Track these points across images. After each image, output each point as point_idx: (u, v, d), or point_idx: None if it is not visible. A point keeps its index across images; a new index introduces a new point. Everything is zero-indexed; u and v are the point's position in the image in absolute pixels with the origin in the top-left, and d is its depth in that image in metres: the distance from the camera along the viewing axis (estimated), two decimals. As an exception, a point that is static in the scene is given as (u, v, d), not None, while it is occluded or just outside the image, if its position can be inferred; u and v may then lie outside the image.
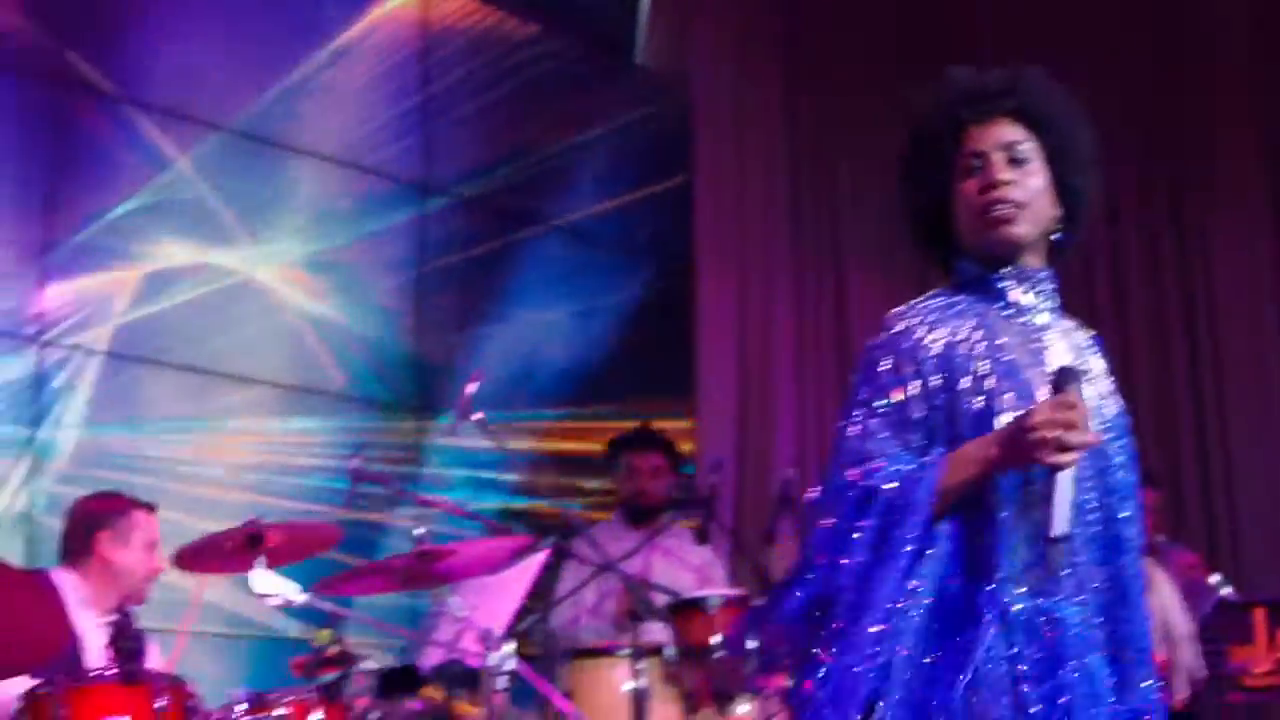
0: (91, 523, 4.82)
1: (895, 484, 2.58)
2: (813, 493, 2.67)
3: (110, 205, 6.18)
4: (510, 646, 4.34)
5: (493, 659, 4.31)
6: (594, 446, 6.94)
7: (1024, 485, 2.60)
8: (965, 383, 2.66)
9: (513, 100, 7.46)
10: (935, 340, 2.69)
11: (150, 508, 4.88)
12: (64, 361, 6.11)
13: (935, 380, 2.67)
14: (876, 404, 2.68)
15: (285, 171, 6.76)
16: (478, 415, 4.78)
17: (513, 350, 7.06)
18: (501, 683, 4.37)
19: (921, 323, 2.72)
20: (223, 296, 6.54)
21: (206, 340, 6.45)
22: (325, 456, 6.56)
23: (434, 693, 5.08)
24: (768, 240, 8.09)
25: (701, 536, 6.31)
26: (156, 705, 3.89)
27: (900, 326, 2.73)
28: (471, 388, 4.77)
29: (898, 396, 2.67)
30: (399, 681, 4.91)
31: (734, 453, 7.65)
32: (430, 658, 5.13)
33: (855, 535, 2.57)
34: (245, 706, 4.02)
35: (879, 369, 2.70)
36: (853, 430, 2.68)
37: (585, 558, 5.71)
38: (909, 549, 2.55)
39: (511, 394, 6.61)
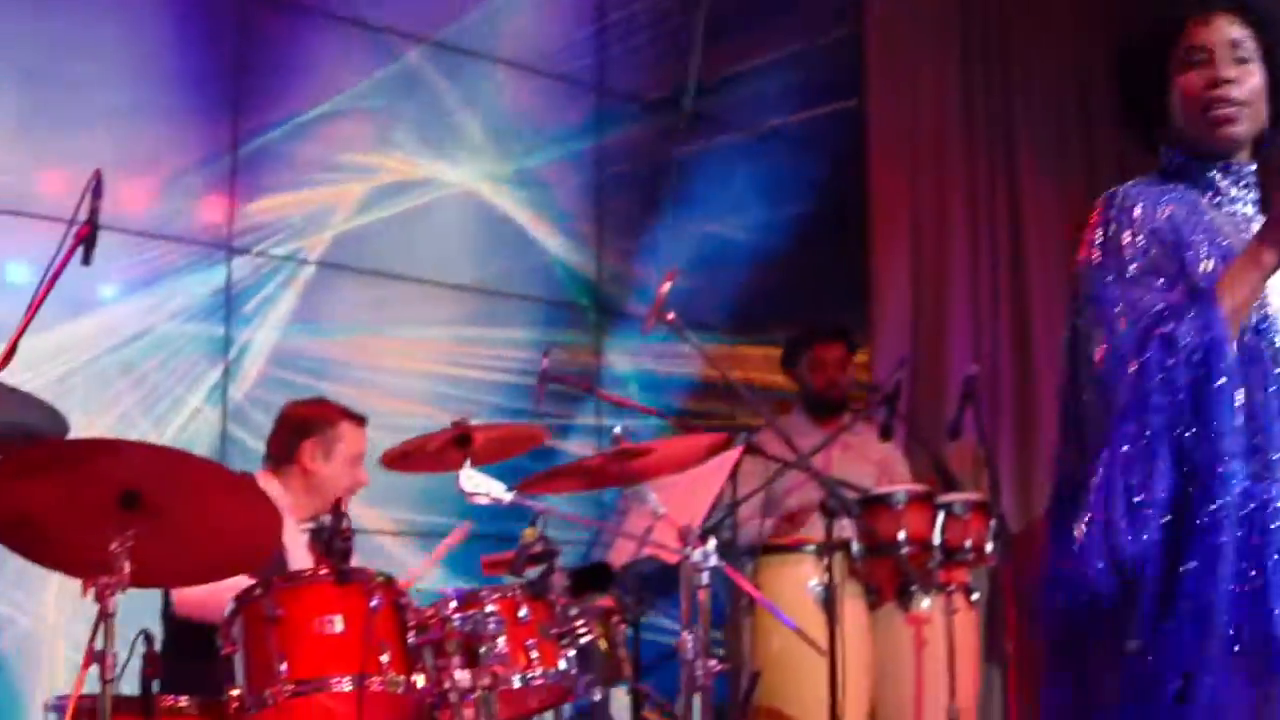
0: (298, 430, 4.89)
1: (1187, 324, 2.58)
2: (1098, 356, 2.62)
3: (301, 110, 6.24)
4: (712, 543, 4.37)
5: (695, 555, 4.34)
6: (769, 352, 6.96)
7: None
8: (1189, 259, 2.69)
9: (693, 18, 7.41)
10: (1160, 215, 2.73)
11: (359, 420, 4.93)
12: (262, 270, 6.21)
13: (1163, 254, 2.69)
14: (1125, 268, 2.69)
15: (472, 81, 6.77)
16: (670, 315, 4.79)
17: (689, 258, 7.07)
18: (704, 579, 4.41)
19: (1145, 200, 2.76)
20: (412, 206, 6.59)
21: (397, 249, 6.51)
22: (512, 361, 6.63)
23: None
24: (940, 141, 8.00)
25: (885, 433, 6.30)
26: (371, 604, 3.98)
27: (1126, 202, 2.76)
28: (665, 287, 4.77)
29: (1138, 260, 2.69)
30: (591, 579, 4.97)
31: (909, 353, 7.61)
32: (623, 554, 5.20)
33: (1162, 380, 2.57)
34: (455, 604, 4.08)
35: (1116, 239, 2.73)
36: (1112, 293, 2.68)
37: (772, 453, 5.73)
38: (1223, 383, 2.54)
39: (689, 301, 6.60)
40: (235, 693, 3.96)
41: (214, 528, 3.85)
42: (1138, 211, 2.73)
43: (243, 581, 4.32)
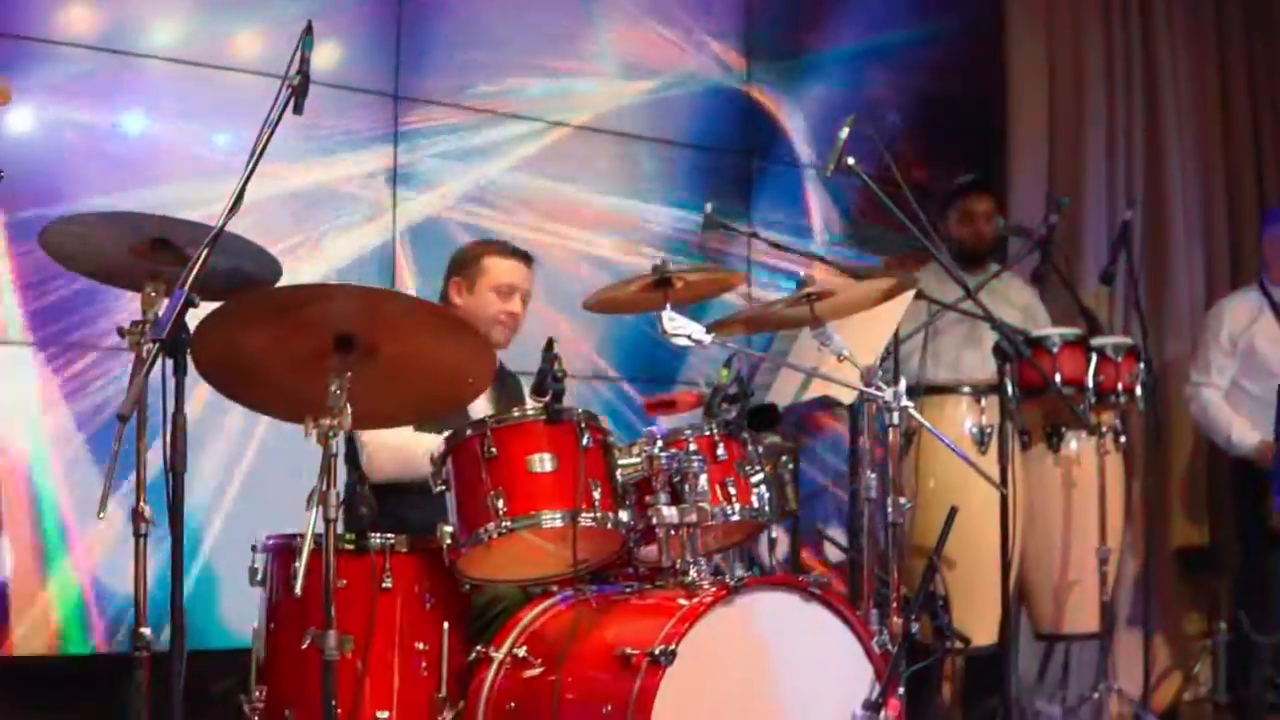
0: (449, 270, 5.04)
1: None
2: None
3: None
4: (903, 384, 4.43)
5: (887, 395, 4.40)
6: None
7: None
8: None
9: None
10: None
11: (507, 252, 5.02)
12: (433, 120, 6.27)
13: None
14: None
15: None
16: (850, 160, 4.81)
17: (836, 101, 7.09)
18: (895, 419, 4.47)
19: None
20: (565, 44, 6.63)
21: (550, 93, 6.55)
22: (667, 202, 6.69)
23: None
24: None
25: (1038, 278, 6.33)
26: (582, 443, 4.07)
27: None
28: (844, 132, 4.79)
29: None
30: (760, 419, 5.05)
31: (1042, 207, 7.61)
32: (785, 395, 5.28)
33: None
34: (660, 443, 4.17)
35: None
36: None
37: (929, 297, 5.77)
38: None
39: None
40: (448, 530, 4.06)
41: (427, 366, 3.93)
42: None
43: (426, 441, 4.42)
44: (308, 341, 3.78)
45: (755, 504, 4.31)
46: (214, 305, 3.71)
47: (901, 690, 4.08)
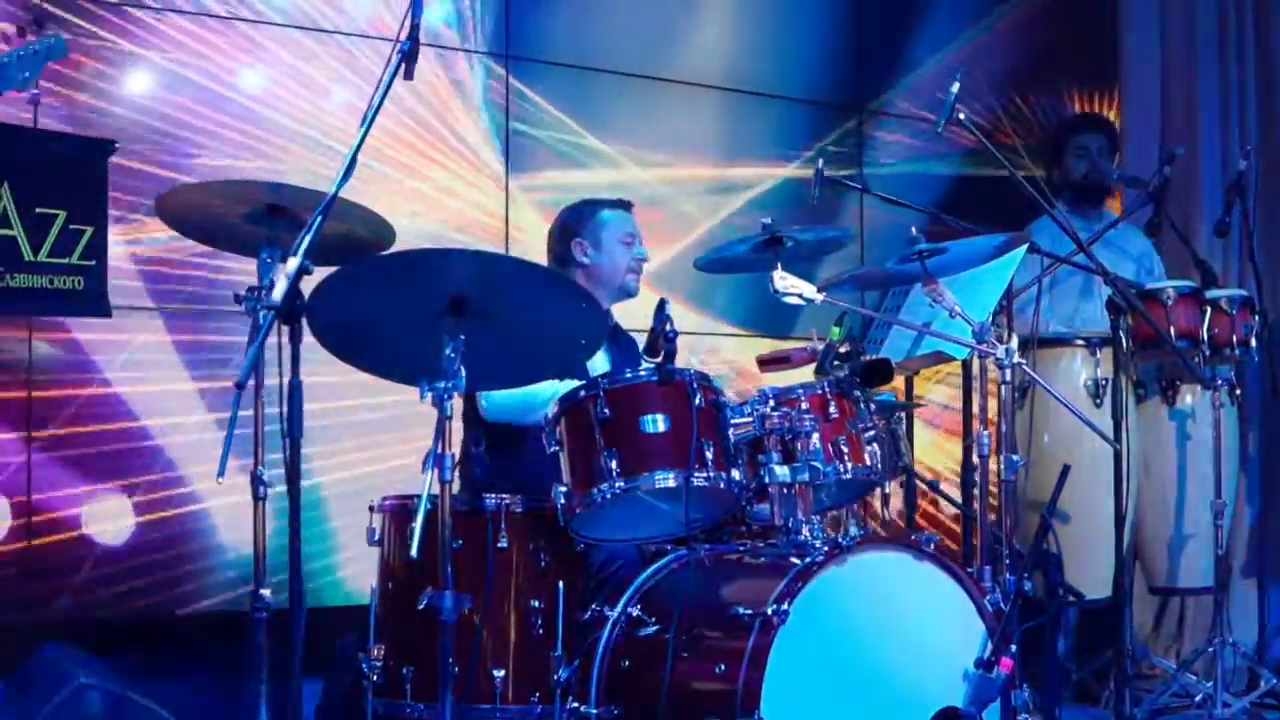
0: (565, 232, 5.07)
1: None
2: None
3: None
4: (1015, 340, 4.40)
5: (1000, 352, 4.38)
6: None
7: None
8: None
9: None
10: None
11: (620, 204, 5.10)
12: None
13: None
14: None
15: None
16: (961, 114, 4.78)
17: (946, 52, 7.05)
18: (1008, 375, 4.45)
19: None
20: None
21: (657, 48, 6.55)
22: (774, 160, 6.69)
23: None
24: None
25: (1153, 229, 6.26)
26: (694, 403, 4.08)
27: None
28: (955, 87, 4.76)
29: None
30: (873, 375, 5.04)
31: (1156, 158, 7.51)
32: (897, 351, 5.27)
33: None
34: (774, 404, 4.17)
35: None
36: None
37: (1044, 248, 5.72)
38: None
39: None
40: (562, 489, 4.09)
41: (539, 329, 3.95)
42: None
43: (547, 385, 4.48)
44: (422, 305, 3.81)
45: (868, 462, 4.31)
46: (328, 270, 3.75)
47: (1014, 647, 4.06)
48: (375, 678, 4.16)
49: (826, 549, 3.91)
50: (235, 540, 5.50)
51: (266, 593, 3.81)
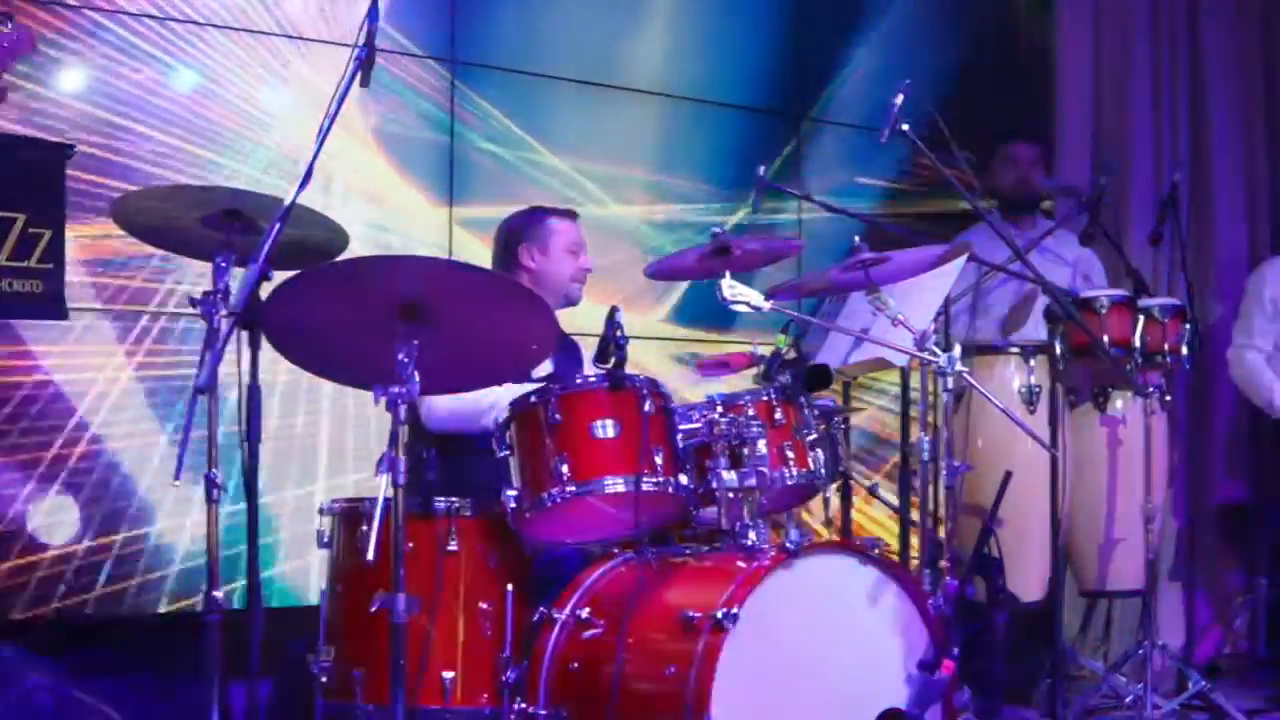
0: (512, 237, 5.12)
1: None
2: None
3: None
4: (958, 349, 4.48)
5: (942, 360, 4.46)
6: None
7: None
8: None
9: None
10: None
11: (567, 214, 5.16)
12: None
13: None
14: None
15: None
16: (905, 126, 4.86)
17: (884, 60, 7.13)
18: (950, 383, 4.53)
19: None
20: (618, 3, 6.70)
21: (601, 51, 6.60)
22: (710, 164, 6.75)
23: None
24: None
25: (1087, 238, 6.37)
26: (644, 409, 4.14)
27: None
28: (898, 98, 4.84)
29: None
30: (813, 380, 5.11)
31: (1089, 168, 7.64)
32: (834, 356, 5.33)
33: None
34: (720, 409, 4.24)
35: None
36: None
37: (981, 256, 5.82)
38: None
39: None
40: (512, 493, 4.14)
41: (491, 334, 3.99)
42: None
43: (489, 393, 4.52)
44: (375, 311, 3.84)
45: (812, 467, 4.38)
46: (282, 276, 3.78)
47: (956, 650, 4.15)
48: (325, 679, 4.20)
49: (774, 553, 3.98)
50: (181, 542, 5.50)
51: (220, 595, 3.83)
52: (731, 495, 4.19)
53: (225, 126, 5.70)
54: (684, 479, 4.18)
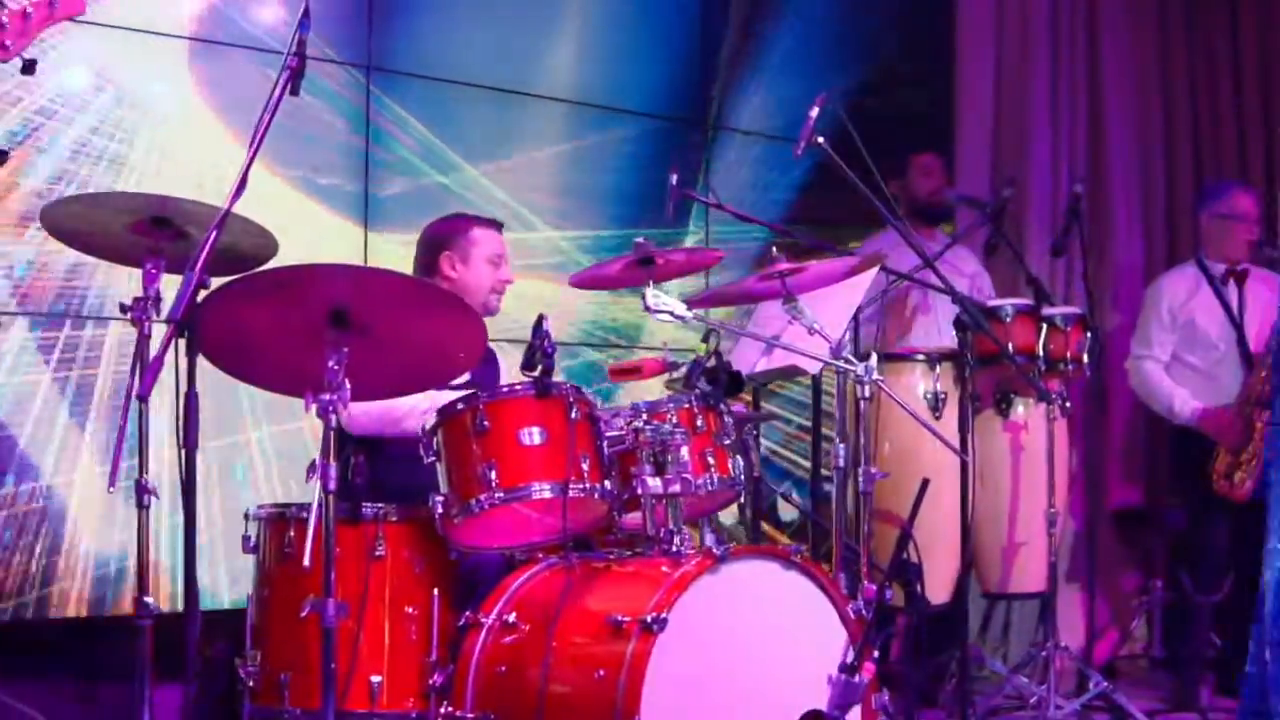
0: (434, 245, 5.12)
1: None
2: None
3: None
4: (874, 358, 4.58)
5: (859, 369, 4.55)
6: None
7: None
8: None
9: None
10: None
11: (491, 224, 5.17)
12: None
13: None
14: None
15: None
16: (820, 139, 4.95)
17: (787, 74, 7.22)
18: (866, 391, 4.62)
19: None
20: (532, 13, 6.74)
21: (513, 63, 6.64)
22: (622, 170, 6.81)
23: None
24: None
25: (989, 249, 6.51)
26: (570, 416, 4.20)
27: None
28: (814, 111, 4.93)
29: None
30: (731, 385, 5.19)
31: (988, 180, 7.79)
32: (745, 363, 5.42)
33: None
34: (646, 417, 4.31)
35: None
36: None
37: (890, 266, 5.92)
38: None
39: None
40: (439, 499, 4.18)
41: (420, 341, 4.04)
42: None
43: (409, 399, 4.57)
44: (305, 318, 3.87)
45: (733, 473, 4.46)
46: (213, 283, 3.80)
47: (876, 653, 4.24)
48: (252, 683, 4.23)
49: (700, 558, 4.05)
50: (99, 545, 5.48)
51: (150, 600, 3.86)
52: (656, 501, 4.25)
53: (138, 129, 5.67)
54: (609, 485, 4.25)
